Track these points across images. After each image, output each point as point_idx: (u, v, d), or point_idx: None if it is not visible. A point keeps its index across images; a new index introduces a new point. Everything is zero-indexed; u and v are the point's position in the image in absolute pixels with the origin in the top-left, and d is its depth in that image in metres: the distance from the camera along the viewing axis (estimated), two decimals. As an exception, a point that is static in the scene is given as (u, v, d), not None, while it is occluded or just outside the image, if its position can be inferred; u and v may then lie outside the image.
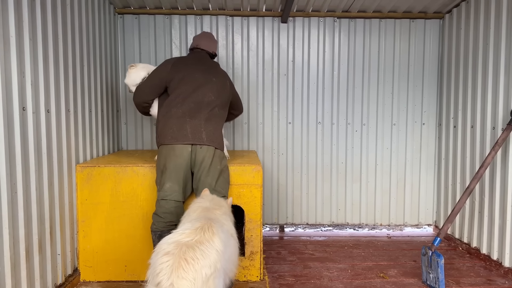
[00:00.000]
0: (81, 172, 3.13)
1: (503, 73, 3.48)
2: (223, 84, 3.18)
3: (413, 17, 4.54)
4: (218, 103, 3.08)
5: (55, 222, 2.86)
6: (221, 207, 2.47)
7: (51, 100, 2.81)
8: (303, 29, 4.54)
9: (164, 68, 3.13)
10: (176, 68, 3.09)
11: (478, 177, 3.29)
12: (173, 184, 2.91)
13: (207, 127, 2.98)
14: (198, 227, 1.98)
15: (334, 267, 3.63)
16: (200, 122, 2.97)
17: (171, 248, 1.84)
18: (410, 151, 4.69)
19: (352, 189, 4.70)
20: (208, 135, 2.97)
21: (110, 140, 4.08)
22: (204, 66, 3.18)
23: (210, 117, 3.02)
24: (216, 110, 3.07)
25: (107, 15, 4.01)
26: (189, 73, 3.07)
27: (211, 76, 3.11)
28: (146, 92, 3.18)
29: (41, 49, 2.66)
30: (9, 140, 2.33)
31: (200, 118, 2.98)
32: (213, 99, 3.05)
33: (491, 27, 3.63)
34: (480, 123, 3.81)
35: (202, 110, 3.00)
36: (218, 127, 3.07)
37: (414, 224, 4.78)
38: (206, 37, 3.41)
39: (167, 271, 1.77)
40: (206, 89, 3.04)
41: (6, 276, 2.29)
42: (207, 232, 1.95)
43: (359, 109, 4.62)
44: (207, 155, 2.94)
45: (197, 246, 1.86)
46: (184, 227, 2.04)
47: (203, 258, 1.83)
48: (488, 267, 3.60)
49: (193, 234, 1.92)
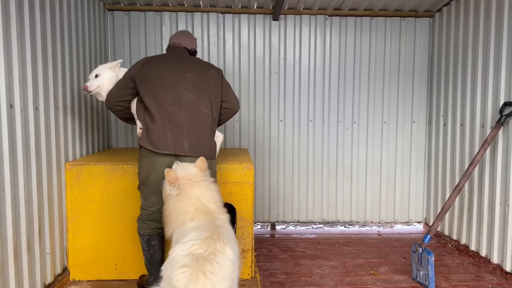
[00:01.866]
0: (71, 170, 3.09)
1: (492, 71, 3.51)
2: (204, 77, 2.79)
3: (403, 16, 4.56)
4: (201, 101, 2.72)
5: (44, 221, 2.83)
6: (220, 208, 2.36)
7: (40, 98, 2.77)
8: (295, 27, 4.54)
9: (134, 67, 2.82)
10: (145, 68, 2.76)
11: (468, 175, 3.33)
12: (158, 197, 2.68)
13: (190, 134, 2.65)
14: (207, 237, 1.94)
15: (325, 264, 3.64)
16: (182, 130, 2.64)
17: (186, 261, 1.82)
18: (400, 149, 4.72)
19: (343, 186, 4.72)
20: (191, 144, 2.64)
21: (100, 138, 4.04)
22: (178, 62, 2.82)
23: (193, 121, 2.67)
24: (201, 111, 2.71)
25: (96, 12, 3.96)
26: (159, 71, 2.74)
27: (185, 71, 2.76)
28: (114, 94, 2.88)
29: (29, 46, 2.62)
30: (-3, 138, 2.30)
31: (180, 125, 2.64)
32: (192, 98, 2.70)
33: (481, 26, 3.66)
34: (469, 121, 3.84)
35: (181, 114, 2.66)
36: (203, 133, 2.71)
37: (404, 221, 4.81)
38: (183, 34, 3.09)
39: (184, 283, 1.75)
40: (180, 87, 2.70)
41: (-6, 276, 2.26)
42: (218, 242, 1.93)
43: (350, 107, 4.64)
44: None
45: (212, 258, 1.85)
46: (192, 236, 1.98)
47: (220, 271, 1.83)
48: (477, 264, 3.64)
49: (205, 245, 1.90)
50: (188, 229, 2.12)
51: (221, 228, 2.09)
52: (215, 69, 2.93)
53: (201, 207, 2.26)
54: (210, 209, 2.26)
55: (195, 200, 2.28)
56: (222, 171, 3.18)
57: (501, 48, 3.38)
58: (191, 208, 2.25)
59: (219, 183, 3.17)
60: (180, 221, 2.24)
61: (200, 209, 2.25)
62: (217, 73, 2.89)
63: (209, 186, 2.39)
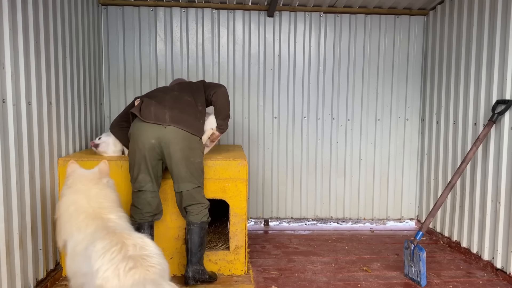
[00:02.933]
0: (64, 166, 3.07)
1: (485, 70, 3.54)
2: (188, 84, 3.21)
3: (398, 13, 4.57)
4: (185, 93, 3.07)
5: (37, 217, 2.82)
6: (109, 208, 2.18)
7: (32, 92, 2.74)
8: (289, 23, 4.53)
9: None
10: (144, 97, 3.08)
11: (460, 172, 3.35)
12: (144, 175, 2.90)
13: (172, 110, 2.91)
14: (117, 242, 1.80)
15: (318, 260, 3.66)
16: (165, 105, 2.93)
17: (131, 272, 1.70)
18: (393, 146, 4.75)
19: (336, 183, 4.74)
20: (172, 116, 2.87)
21: (93, 134, 4.02)
22: (164, 87, 3.30)
23: (176, 102, 2.98)
24: (185, 99, 3.02)
25: (90, 6, 3.93)
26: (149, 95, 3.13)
27: (172, 90, 3.15)
28: (118, 117, 3.29)
29: (22, 40, 2.59)
30: (-11, 133, 2.28)
31: (165, 102, 2.95)
32: (176, 94, 3.06)
33: (474, 24, 3.68)
34: (462, 119, 3.87)
35: (166, 99, 2.98)
36: (185, 110, 2.95)
37: (397, 218, 4.84)
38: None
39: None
40: (167, 91, 3.12)
41: (-15, 272, 2.25)
42: (130, 239, 1.84)
43: (344, 104, 4.65)
44: (172, 137, 2.84)
45: (144, 254, 1.78)
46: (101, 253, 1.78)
47: (159, 257, 1.82)
48: (468, 260, 3.68)
49: (124, 250, 1.77)
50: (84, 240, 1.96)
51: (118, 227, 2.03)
52: (197, 82, 3.30)
53: (88, 209, 2.11)
54: (97, 212, 2.11)
55: (81, 200, 2.13)
56: (216, 167, 3.18)
57: (494, 46, 3.40)
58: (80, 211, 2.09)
59: (213, 179, 3.19)
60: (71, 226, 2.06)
61: (88, 212, 2.09)
62: (199, 81, 3.29)
63: (102, 189, 2.24)
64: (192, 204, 2.96)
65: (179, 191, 2.95)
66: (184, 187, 2.93)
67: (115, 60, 4.40)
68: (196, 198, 2.97)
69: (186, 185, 2.92)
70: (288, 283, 3.18)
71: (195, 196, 2.96)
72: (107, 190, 2.27)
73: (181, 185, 2.93)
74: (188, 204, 2.96)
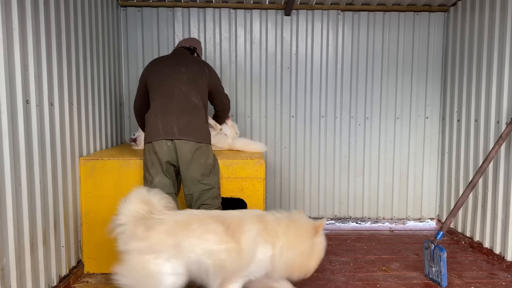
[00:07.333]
0: (85, 165, 3.14)
1: (508, 66, 3.46)
2: (197, 72, 3.10)
3: (417, 10, 4.50)
4: (193, 93, 2.99)
5: (59, 215, 2.88)
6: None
7: (54, 93, 2.81)
8: (307, 22, 4.51)
9: (144, 71, 3.24)
10: (149, 69, 3.18)
11: (482, 171, 3.28)
12: (162, 177, 2.90)
13: (179, 121, 2.88)
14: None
15: (336, 260, 3.64)
16: (172, 117, 2.89)
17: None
18: (413, 145, 4.68)
19: (355, 182, 4.70)
20: (180, 128, 2.87)
21: (113, 133, 4.09)
22: (174, 59, 3.18)
23: (183, 109, 2.92)
24: (192, 101, 2.98)
25: (110, 8, 4.00)
26: (159, 69, 3.11)
27: (180, 67, 3.07)
28: (136, 99, 3.35)
29: (44, 42, 2.65)
30: (13, 133, 2.34)
31: (171, 113, 2.90)
32: (184, 90, 2.98)
33: (497, 19, 3.59)
34: (484, 117, 3.79)
35: (173, 104, 2.93)
36: (193, 120, 2.93)
37: (417, 218, 4.78)
38: (185, 39, 3.62)
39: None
40: (175, 81, 3.00)
41: (11, 268, 2.31)
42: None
43: (362, 103, 4.61)
44: (183, 149, 2.88)
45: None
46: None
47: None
48: (491, 261, 3.60)
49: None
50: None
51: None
52: (210, 69, 3.23)
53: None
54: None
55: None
56: (233, 166, 3.20)
57: (517, 42, 3.33)
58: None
59: (231, 178, 3.21)
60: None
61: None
62: (210, 73, 3.19)
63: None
64: (202, 204, 2.91)
65: (189, 193, 2.93)
66: (195, 189, 2.90)
67: (134, 61, 4.46)
68: (204, 199, 2.92)
69: (195, 187, 2.90)
70: (306, 282, 3.17)
71: (203, 198, 2.92)
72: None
73: (191, 187, 2.91)
74: (198, 205, 2.92)
